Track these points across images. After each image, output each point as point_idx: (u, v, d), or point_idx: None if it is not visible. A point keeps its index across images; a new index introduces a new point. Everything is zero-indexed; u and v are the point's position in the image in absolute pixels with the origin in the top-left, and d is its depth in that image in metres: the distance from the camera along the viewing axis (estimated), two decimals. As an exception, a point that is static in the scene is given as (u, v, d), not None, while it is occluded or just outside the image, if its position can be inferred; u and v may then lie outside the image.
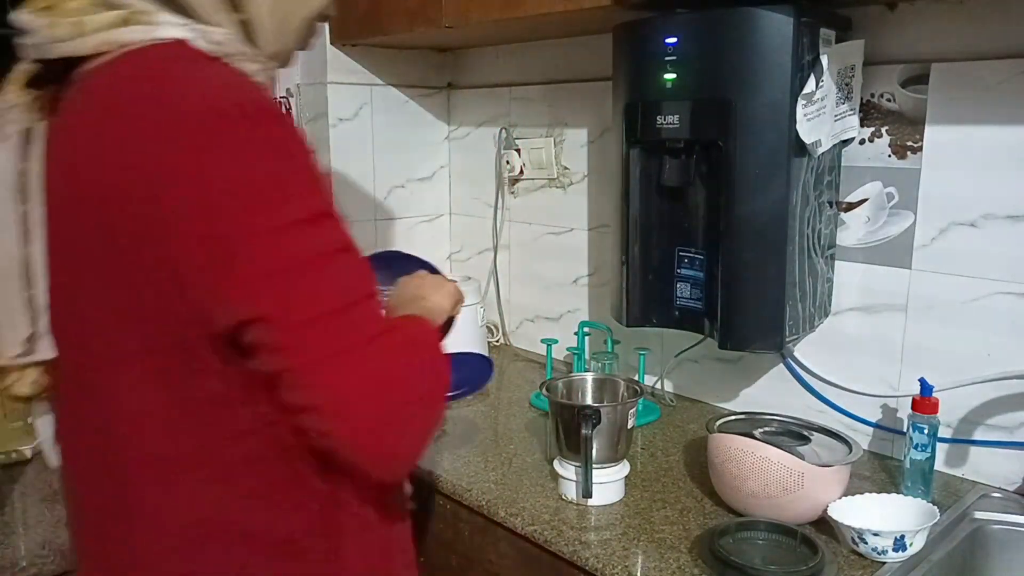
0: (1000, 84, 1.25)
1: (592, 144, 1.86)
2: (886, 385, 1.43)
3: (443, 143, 2.22)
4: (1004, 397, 1.29)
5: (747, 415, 1.34)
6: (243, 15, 0.75)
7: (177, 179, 0.65)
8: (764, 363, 1.60)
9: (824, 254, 1.42)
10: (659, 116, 1.34)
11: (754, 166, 1.27)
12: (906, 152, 1.36)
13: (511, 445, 1.51)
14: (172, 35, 0.72)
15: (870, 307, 1.44)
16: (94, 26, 0.70)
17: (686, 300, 1.45)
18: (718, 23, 1.26)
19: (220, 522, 0.75)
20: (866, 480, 1.34)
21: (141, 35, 0.71)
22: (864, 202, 1.42)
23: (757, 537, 1.13)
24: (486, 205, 2.13)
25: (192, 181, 0.65)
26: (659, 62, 1.32)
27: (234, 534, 0.75)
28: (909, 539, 1.08)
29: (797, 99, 1.24)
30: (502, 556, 1.29)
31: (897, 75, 1.35)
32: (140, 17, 0.71)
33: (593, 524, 1.22)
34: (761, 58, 1.24)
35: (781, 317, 1.32)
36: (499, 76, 2.05)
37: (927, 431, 1.24)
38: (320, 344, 0.68)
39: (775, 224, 1.28)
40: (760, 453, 1.17)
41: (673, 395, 1.75)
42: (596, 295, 1.91)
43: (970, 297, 1.31)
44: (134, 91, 0.69)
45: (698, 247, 1.42)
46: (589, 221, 1.89)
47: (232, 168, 0.66)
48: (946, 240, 1.33)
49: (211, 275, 0.67)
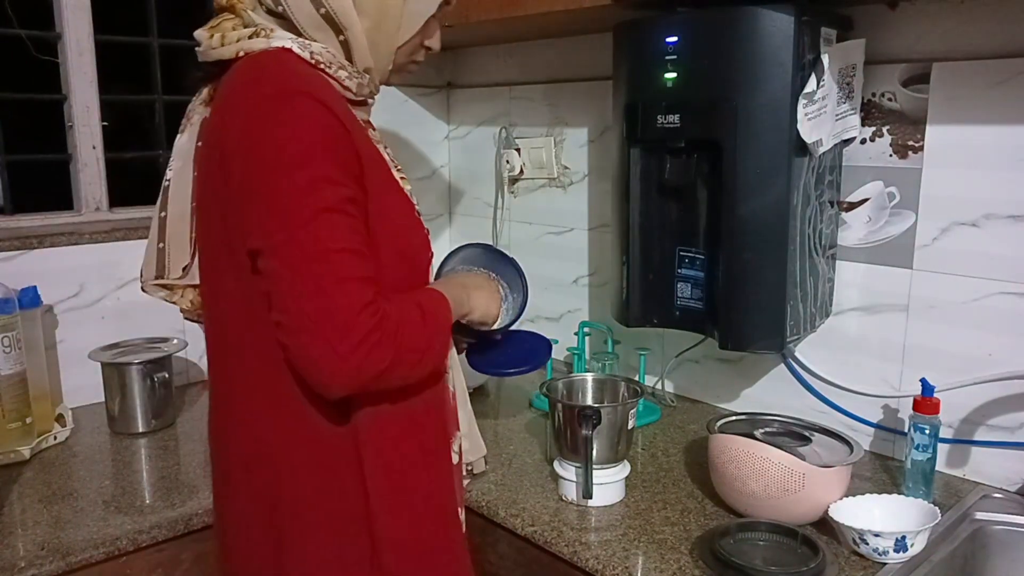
0: (1001, 84, 1.24)
1: (592, 144, 1.85)
2: (887, 385, 1.43)
3: (443, 142, 2.22)
4: (1005, 397, 1.29)
5: (748, 415, 1.34)
6: (341, 36, 0.96)
7: (244, 139, 0.89)
8: (765, 363, 1.59)
9: (825, 254, 1.42)
10: (659, 116, 1.34)
11: (755, 166, 1.27)
12: (907, 152, 1.36)
13: (511, 445, 1.50)
14: (282, 44, 0.94)
15: (871, 307, 1.44)
16: (233, 38, 0.96)
17: (687, 300, 1.45)
18: (719, 22, 1.26)
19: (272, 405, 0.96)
20: (867, 481, 1.34)
21: (262, 45, 0.94)
22: (865, 202, 1.42)
23: (758, 538, 1.12)
24: (486, 205, 2.13)
25: (252, 141, 0.88)
26: (659, 61, 1.32)
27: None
28: (910, 540, 1.07)
29: (798, 98, 1.24)
30: (502, 557, 1.29)
31: (898, 74, 1.35)
32: (264, 32, 0.95)
33: (593, 525, 1.22)
34: (762, 57, 1.24)
35: (782, 317, 1.32)
36: (499, 75, 2.05)
37: (928, 431, 1.24)
38: (298, 276, 0.85)
39: (776, 224, 1.28)
40: (761, 454, 1.16)
41: (673, 395, 1.75)
42: (596, 295, 1.90)
43: (971, 297, 1.31)
44: (242, 81, 0.93)
45: (699, 247, 1.42)
46: (589, 221, 1.89)
47: (273, 133, 0.87)
48: (947, 240, 1.33)
49: (242, 210, 0.89)
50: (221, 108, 0.95)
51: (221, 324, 1.00)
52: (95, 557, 1.17)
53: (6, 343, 1.43)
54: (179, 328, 1.82)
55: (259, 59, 0.93)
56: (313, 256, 0.85)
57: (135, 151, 1.99)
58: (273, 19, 0.97)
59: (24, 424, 1.46)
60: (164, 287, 1.11)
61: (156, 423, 1.61)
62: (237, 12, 0.98)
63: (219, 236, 0.95)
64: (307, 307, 0.85)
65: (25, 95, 1.82)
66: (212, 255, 0.99)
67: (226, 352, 1.00)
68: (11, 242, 1.63)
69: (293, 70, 0.92)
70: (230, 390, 1.00)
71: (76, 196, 1.83)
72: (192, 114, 1.06)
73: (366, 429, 0.95)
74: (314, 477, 0.95)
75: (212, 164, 0.94)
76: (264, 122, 0.87)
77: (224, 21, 0.98)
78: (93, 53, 1.78)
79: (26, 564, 1.12)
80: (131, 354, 1.64)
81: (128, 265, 1.76)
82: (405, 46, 1.02)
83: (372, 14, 0.96)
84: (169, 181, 1.07)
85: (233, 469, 1.01)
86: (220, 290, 0.98)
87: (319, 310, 0.85)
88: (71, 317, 1.71)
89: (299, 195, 0.86)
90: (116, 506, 1.29)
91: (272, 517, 0.96)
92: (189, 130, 1.05)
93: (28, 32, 1.77)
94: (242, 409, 0.99)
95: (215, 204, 0.94)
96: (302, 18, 0.95)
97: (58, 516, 1.26)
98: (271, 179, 0.86)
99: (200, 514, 1.28)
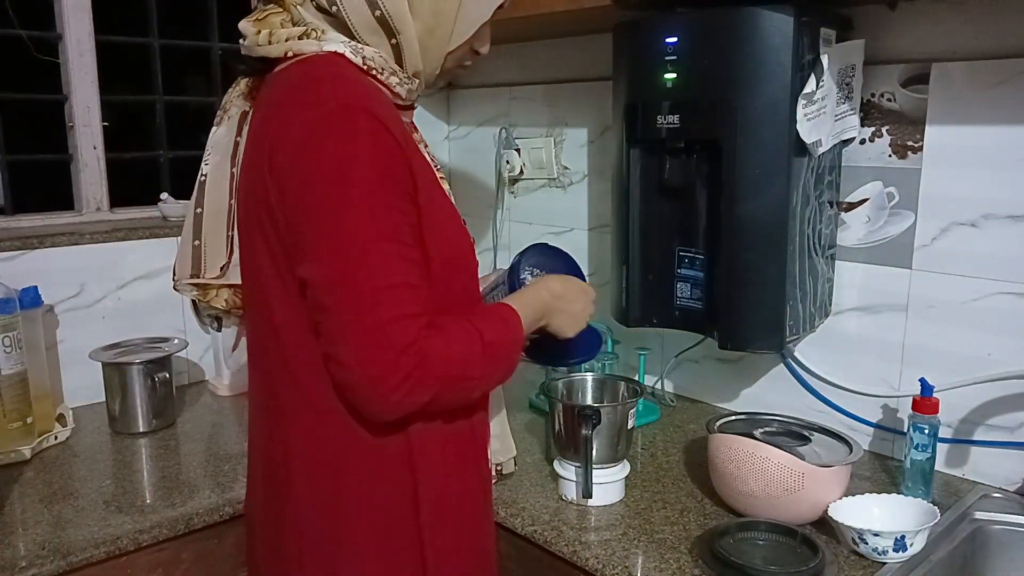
0: (1000, 84, 1.25)
1: (592, 144, 1.85)
2: (886, 385, 1.43)
3: (443, 143, 2.22)
4: (1005, 397, 1.29)
5: (747, 415, 1.34)
6: (394, 40, 0.93)
7: (302, 154, 0.85)
8: (764, 363, 1.60)
9: (824, 254, 1.42)
10: (659, 116, 1.34)
11: (754, 166, 1.27)
12: (906, 152, 1.36)
13: (511, 445, 1.50)
14: (334, 49, 0.91)
15: (870, 307, 1.44)
16: (282, 36, 0.92)
17: (686, 300, 1.45)
18: (718, 22, 1.26)
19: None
20: (866, 480, 1.34)
21: (313, 47, 0.91)
22: (864, 202, 1.42)
23: (757, 537, 1.13)
24: (486, 205, 2.13)
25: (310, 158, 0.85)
26: (659, 62, 1.32)
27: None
28: (909, 539, 1.07)
29: (797, 99, 1.24)
30: (502, 556, 1.29)
31: (897, 75, 1.35)
32: (315, 33, 0.92)
33: (593, 524, 1.22)
34: (761, 58, 1.24)
35: (781, 317, 1.32)
36: (499, 76, 2.05)
37: (928, 431, 1.24)
38: (344, 315, 0.85)
39: (775, 224, 1.28)
40: (760, 453, 1.17)
41: (673, 395, 1.75)
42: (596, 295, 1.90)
43: (971, 297, 1.31)
44: (298, 88, 0.89)
45: (698, 247, 1.42)
46: (589, 221, 1.89)
47: (333, 153, 0.84)
48: (947, 240, 1.33)
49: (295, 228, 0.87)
50: (274, 113, 0.91)
51: (267, 336, 0.97)
52: (96, 557, 1.17)
53: (7, 343, 1.43)
54: (180, 328, 1.82)
55: (314, 65, 0.90)
56: (359, 296, 0.84)
57: (136, 151, 2.00)
58: (323, 17, 0.93)
59: (25, 424, 1.47)
60: (197, 286, 1.08)
61: (157, 423, 1.62)
62: (286, 6, 0.93)
63: (265, 245, 0.92)
64: (350, 347, 0.85)
65: (26, 95, 1.82)
66: (256, 262, 0.95)
67: (274, 365, 0.97)
68: (12, 242, 1.63)
69: (351, 81, 0.89)
70: (279, 405, 0.97)
71: (77, 196, 1.83)
72: (229, 106, 1.03)
73: (418, 436, 0.95)
74: (369, 486, 0.95)
75: (260, 167, 0.90)
76: (324, 139, 0.84)
77: (271, 15, 0.94)
78: (94, 53, 1.79)
79: (27, 564, 1.12)
80: (132, 354, 1.64)
81: (129, 265, 1.76)
82: (456, 51, 0.99)
83: (426, 18, 0.93)
84: (206, 176, 1.04)
85: (290, 479, 0.97)
86: (267, 299, 0.94)
87: (361, 350, 0.85)
88: (72, 317, 1.71)
89: (354, 225, 0.84)
90: (117, 506, 1.29)
91: (326, 525, 0.95)
92: (227, 124, 1.03)
93: (29, 32, 1.77)
94: (295, 423, 0.96)
95: (263, 212, 0.90)
96: (356, 20, 0.91)
97: (59, 516, 1.26)
98: (329, 204, 0.84)
99: (200, 514, 1.28)
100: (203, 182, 1.05)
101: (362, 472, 0.94)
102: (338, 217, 0.84)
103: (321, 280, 0.86)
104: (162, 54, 1.93)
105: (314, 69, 0.90)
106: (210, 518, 1.29)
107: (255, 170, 0.91)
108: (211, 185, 1.04)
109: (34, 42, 1.79)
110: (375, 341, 0.84)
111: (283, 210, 0.87)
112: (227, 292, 1.08)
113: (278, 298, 0.92)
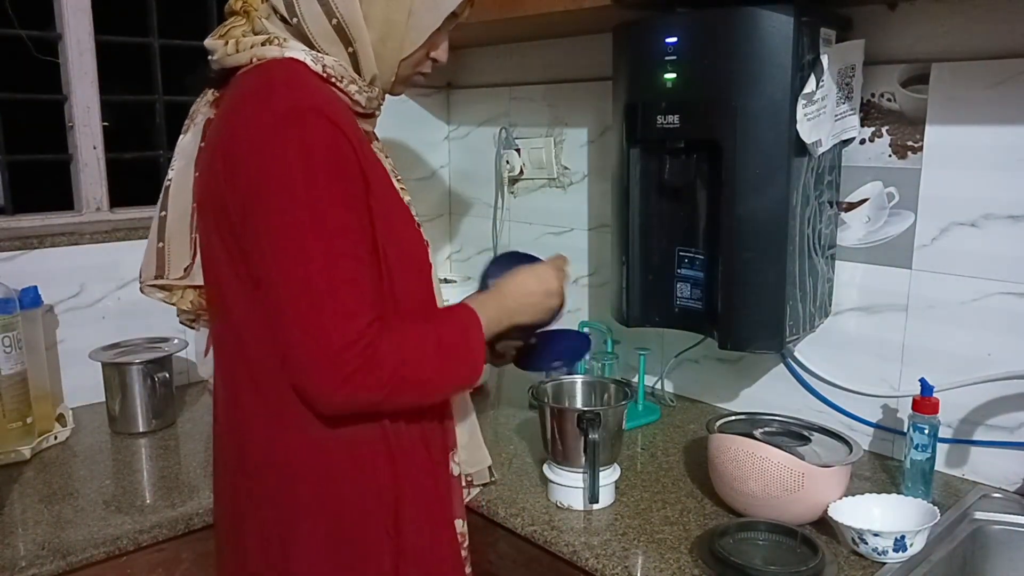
0: (1000, 84, 1.25)
1: (592, 144, 1.85)
2: (886, 385, 1.43)
3: (443, 143, 2.22)
4: (1004, 397, 1.29)
5: (747, 415, 1.34)
6: (351, 48, 0.96)
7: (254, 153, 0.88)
8: (764, 363, 1.60)
9: (824, 254, 1.42)
10: (659, 116, 1.34)
11: (754, 166, 1.27)
12: (906, 152, 1.36)
13: (511, 446, 1.51)
14: (294, 55, 0.94)
15: (870, 307, 1.44)
16: (247, 44, 0.95)
17: (686, 300, 1.45)
18: (718, 23, 1.26)
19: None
20: (866, 480, 1.34)
21: (275, 53, 0.94)
22: (864, 202, 1.42)
23: (757, 538, 1.12)
24: (486, 205, 2.13)
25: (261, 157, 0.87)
26: (659, 62, 1.32)
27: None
28: (909, 539, 1.07)
29: (797, 99, 1.24)
30: (502, 556, 1.29)
31: (897, 75, 1.35)
32: (277, 40, 0.95)
33: (593, 524, 1.22)
34: (761, 58, 1.24)
35: (781, 317, 1.32)
36: (499, 76, 2.05)
37: (927, 431, 1.24)
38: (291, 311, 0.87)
39: (775, 224, 1.28)
40: (760, 453, 1.17)
41: (673, 395, 1.75)
42: (596, 295, 1.90)
43: (970, 297, 1.31)
44: (252, 90, 0.92)
45: (698, 247, 1.42)
46: (589, 221, 1.89)
47: (282, 151, 0.86)
48: (946, 240, 1.33)
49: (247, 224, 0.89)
50: (229, 114, 0.94)
51: (226, 335, 1.00)
52: (96, 557, 1.17)
53: (7, 343, 1.43)
54: (180, 328, 1.81)
55: (269, 68, 0.93)
56: (302, 294, 0.87)
57: (135, 151, 2.00)
58: (285, 27, 0.96)
59: (25, 424, 1.47)
60: (163, 288, 1.10)
61: (156, 423, 1.61)
62: (251, 18, 0.98)
63: (221, 244, 0.94)
64: (297, 342, 0.88)
65: (26, 95, 1.82)
66: (214, 262, 0.98)
67: (233, 364, 1.00)
68: (12, 242, 1.63)
69: (303, 83, 0.92)
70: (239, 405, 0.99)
71: (77, 196, 1.83)
72: (196, 115, 1.06)
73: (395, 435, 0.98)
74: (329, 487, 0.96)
75: (215, 168, 0.93)
76: (273, 138, 0.87)
77: (233, 28, 0.99)
78: (94, 53, 1.78)
79: (27, 564, 1.12)
80: (131, 354, 1.64)
81: (128, 265, 1.76)
82: (410, 58, 1.01)
83: (379, 27, 0.96)
84: (171, 181, 1.07)
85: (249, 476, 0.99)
86: (224, 298, 0.97)
87: (308, 345, 0.87)
88: (71, 317, 1.71)
89: (300, 222, 0.86)
90: (116, 506, 1.29)
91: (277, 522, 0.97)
92: (193, 131, 1.05)
93: (28, 32, 1.77)
94: (253, 424, 0.98)
95: (219, 211, 0.93)
96: (315, 29, 0.94)
97: (59, 516, 1.26)
98: (276, 202, 0.87)
99: (200, 514, 1.28)
100: (168, 187, 1.07)
101: (320, 473, 0.96)
102: (284, 214, 0.86)
103: (267, 277, 0.88)
104: (162, 54, 1.93)
105: (270, 73, 0.93)
106: (210, 518, 1.28)
107: (210, 171, 0.94)
108: (175, 189, 1.06)
109: (34, 42, 1.79)
110: (317, 339, 0.87)
111: (236, 209, 0.90)
112: (192, 294, 1.10)
113: (235, 297, 0.95)
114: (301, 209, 0.86)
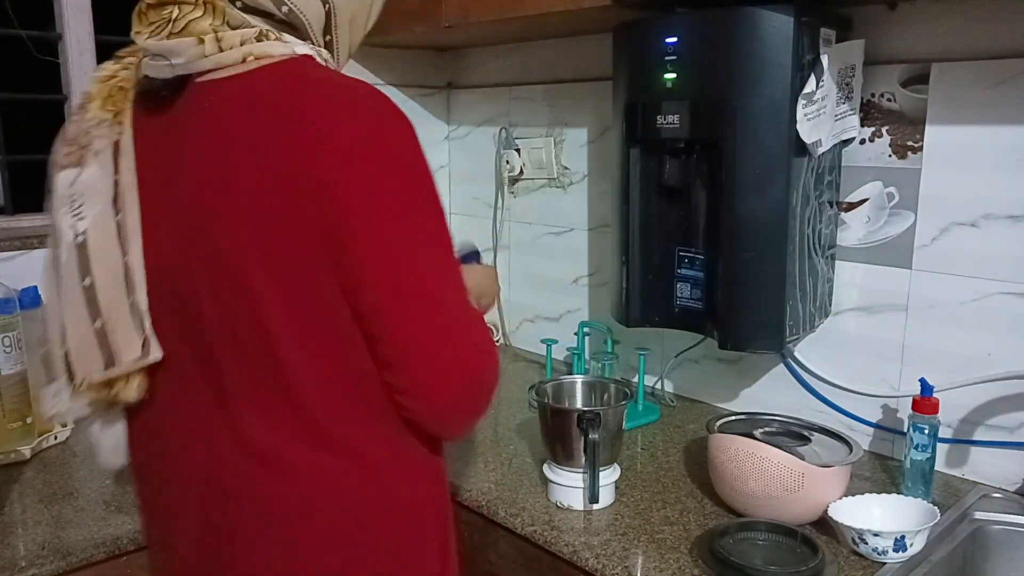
0: (1000, 84, 1.25)
1: (592, 144, 1.85)
2: (886, 385, 1.43)
3: (443, 143, 2.22)
4: (1004, 397, 1.29)
5: (747, 415, 1.34)
6: (329, 36, 0.87)
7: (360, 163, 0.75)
8: (764, 363, 1.60)
9: (824, 254, 1.42)
10: (659, 116, 1.34)
11: (754, 166, 1.27)
12: (906, 152, 1.36)
13: (511, 445, 1.51)
14: (304, 51, 0.81)
15: (870, 307, 1.44)
16: (234, 39, 0.78)
17: (686, 300, 1.45)
18: (718, 23, 1.26)
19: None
20: (866, 480, 1.34)
21: (281, 49, 0.79)
22: (864, 202, 1.42)
23: (757, 538, 1.13)
24: (486, 205, 2.13)
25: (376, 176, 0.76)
26: (659, 62, 1.32)
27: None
28: (909, 539, 1.08)
29: (797, 99, 1.24)
30: (502, 556, 1.29)
31: (897, 75, 1.35)
32: (271, 35, 0.80)
33: (593, 524, 1.22)
34: (761, 58, 1.24)
35: (781, 317, 1.32)
36: (499, 76, 2.05)
37: (927, 431, 1.24)
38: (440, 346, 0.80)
39: (775, 224, 1.28)
40: (760, 453, 1.17)
41: (673, 395, 1.75)
42: (596, 295, 1.90)
43: (970, 297, 1.31)
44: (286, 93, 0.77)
45: (698, 247, 1.42)
46: (589, 221, 1.89)
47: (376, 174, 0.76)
48: (946, 240, 1.33)
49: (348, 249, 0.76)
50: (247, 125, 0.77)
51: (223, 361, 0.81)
52: (96, 557, 1.17)
53: (7, 343, 1.43)
54: (179, 328, 1.82)
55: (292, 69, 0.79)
56: (453, 318, 0.81)
57: (135, 151, 1.99)
58: (260, 19, 0.81)
59: (25, 424, 1.46)
60: (107, 384, 0.83)
61: (156, 423, 1.61)
62: (218, 10, 0.79)
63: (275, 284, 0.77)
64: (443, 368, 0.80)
65: (26, 95, 1.82)
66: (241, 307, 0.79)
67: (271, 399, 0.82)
68: (12, 242, 1.63)
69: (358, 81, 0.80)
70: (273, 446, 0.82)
71: (76, 196, 1.83)
72: (88, 141, 0.83)
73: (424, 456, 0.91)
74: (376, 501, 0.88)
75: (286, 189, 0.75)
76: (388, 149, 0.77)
77: (193, 22, 0.78)
78: (94, 53, 1.78)
79: (27, 564, 1.12)
80: (131, 354, 1.63)
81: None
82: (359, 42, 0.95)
83: (354, 7, 0.89)
84: (84, 236, 0.81)
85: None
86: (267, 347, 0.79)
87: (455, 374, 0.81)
88: (72, 317, 1.70)
89: (431, 254, 0.80)
90: (117, 506, 1.29)
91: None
92: (97, 162, 0.82)
93: (28, 32, 1.78)
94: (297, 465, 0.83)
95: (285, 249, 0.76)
96: (313, 18, 0.84)
97: (59, 516, 1.26)
98: (403, 229, 0.77)
99: (200, 514, 1.28)
100: (83, 243, 0.80)
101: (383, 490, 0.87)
102: (411, 241, 0.79)
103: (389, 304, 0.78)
104: (162, 54, 1.93)
105: (307, 75, 0.79)
106: (210, 518, 1.29)
107: (267, 202, 0.75)
108: (96, 245, 0.81)
109: (34, 42, 1.79)
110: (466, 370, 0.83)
111: (331, 239, 0.75)
112: (139, 377, 0.84)
113: (288, 336, 0.78)
114: (431, 242, 0.81)
